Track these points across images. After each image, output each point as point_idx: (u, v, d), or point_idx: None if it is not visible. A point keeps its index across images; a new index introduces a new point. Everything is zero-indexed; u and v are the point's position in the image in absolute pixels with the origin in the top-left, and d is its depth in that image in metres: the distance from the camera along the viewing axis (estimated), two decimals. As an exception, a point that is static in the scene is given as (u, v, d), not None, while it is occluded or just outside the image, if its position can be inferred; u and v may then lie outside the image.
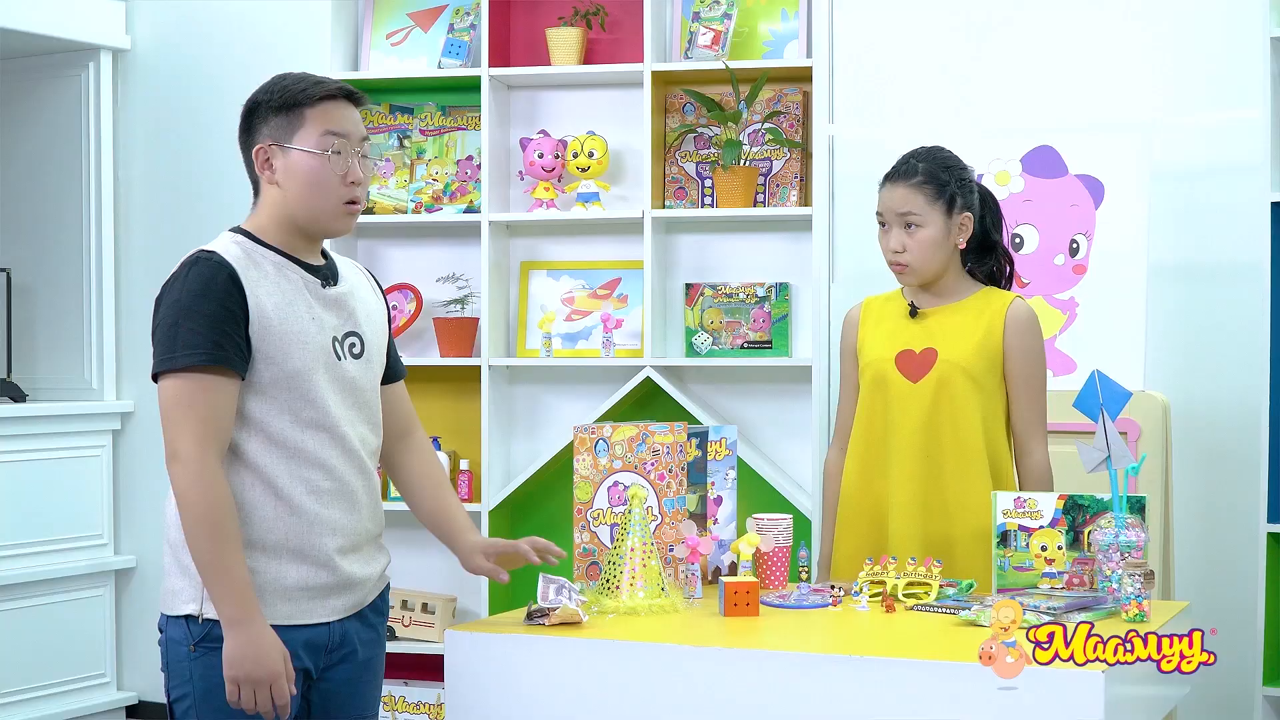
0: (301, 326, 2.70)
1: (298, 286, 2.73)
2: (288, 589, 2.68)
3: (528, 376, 4.96)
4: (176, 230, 5.44)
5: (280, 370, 2.67)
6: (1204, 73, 4.63)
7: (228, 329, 2.63)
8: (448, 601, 4.90)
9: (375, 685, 2.89)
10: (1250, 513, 4.38)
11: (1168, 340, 4.56)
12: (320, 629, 2.73)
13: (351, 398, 2.76)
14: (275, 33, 5.30)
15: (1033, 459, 3.43)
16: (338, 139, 2.73)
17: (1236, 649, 4.44)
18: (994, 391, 3.42)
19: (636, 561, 3.02)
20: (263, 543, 2.67)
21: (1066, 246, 4.44)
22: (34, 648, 5.17)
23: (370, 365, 2.83)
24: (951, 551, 3.35)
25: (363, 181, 2.77)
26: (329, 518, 2.71)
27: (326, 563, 2.71)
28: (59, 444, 5.31)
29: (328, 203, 2.74)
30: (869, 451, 3.47)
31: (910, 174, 3.42)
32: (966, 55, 4.82)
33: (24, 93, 5.54)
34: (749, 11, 4.78)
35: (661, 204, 4.82)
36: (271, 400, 2.67)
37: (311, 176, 2.72)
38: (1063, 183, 4.46)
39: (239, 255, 2.69)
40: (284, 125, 2.73)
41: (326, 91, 2.74)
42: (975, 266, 3.51)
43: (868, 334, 3.52)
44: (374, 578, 2.83)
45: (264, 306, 2.67)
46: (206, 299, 2.63)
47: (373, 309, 2.88)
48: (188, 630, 2.68)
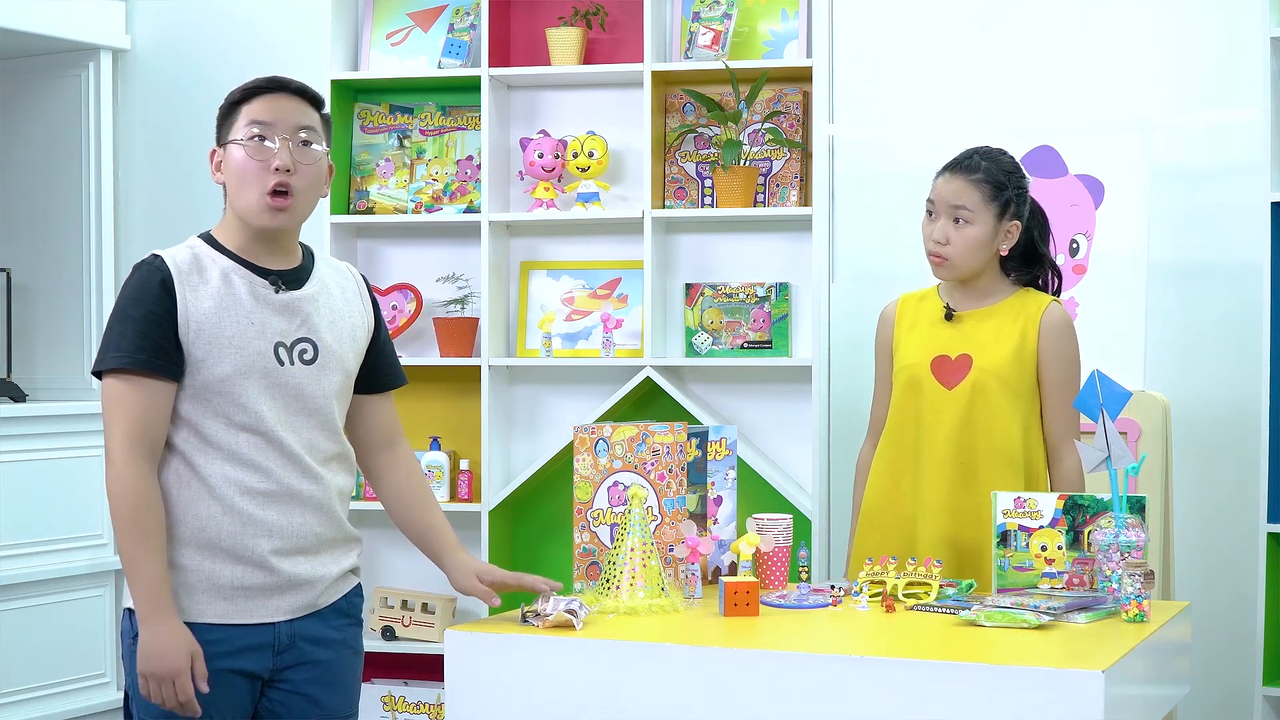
0: (236, 331, 2.73)
1: (240, 291, 2.75)
2: (222, 587, 2.71)
3: (528, 376, 4.96)
4: (176, 230, 5.39)
5: (211, 374, 2.71)
6: (1204, 72, 4.64)
7: (154, 333, 2.68)
8: (448, 601, 4.90)
9: (344, 687, 2.88)
10: (1250, 513, 4.38)
11: (1168, 340, 4.56)
12: (264, 629, 2.74)
13: (296, 404, 2.77)
14: (275, 33, 5.30)
15: (1065, 464, 3.42)
16: (261, 126, 2.76)
17: (1236, 649, 4.44)
18: (1029, 397, 3.41)
19: (636, 561, 3.02)
20: (196, 540, 2.70)
21: (1066, 246, 4.44)
22: (34, 648, 5.17)
23: (324, 371, 2.81)
24: (980, 556, 3.34)
25: (290, 167, 2.76)
26: (264, 519, 2.73)
27: (262, 563, 2.73)
28: (59, 444, 5.31)
29: (253, 193, 2.76)
30: (899, 454, 3.46)
31: (972, 169, 3.41)
32: (966, 55, 4.82)
33: (24, 93, 5.54)
34: (749, 11, 4.78)
35: (661, 204, 4.82)
36: (204, 403, 2.71)
37: (239, 167, 2.78)
38: (1063, 183, 4.46)
39: (186, 259, 2.76)
40: (225, 125, 2.82)
41: (256, 85, 2.81)
42: (1020, 276, 3.49)
43: (903, 335, 3.51)
44: (328, 579, 2.82)
45: (195, 311, 2.71)
46: (138, 303, 2.71)
47: (343, 315, 2.87)
48: (130, 623, 2.73)
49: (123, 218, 5.51)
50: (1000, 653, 2.67)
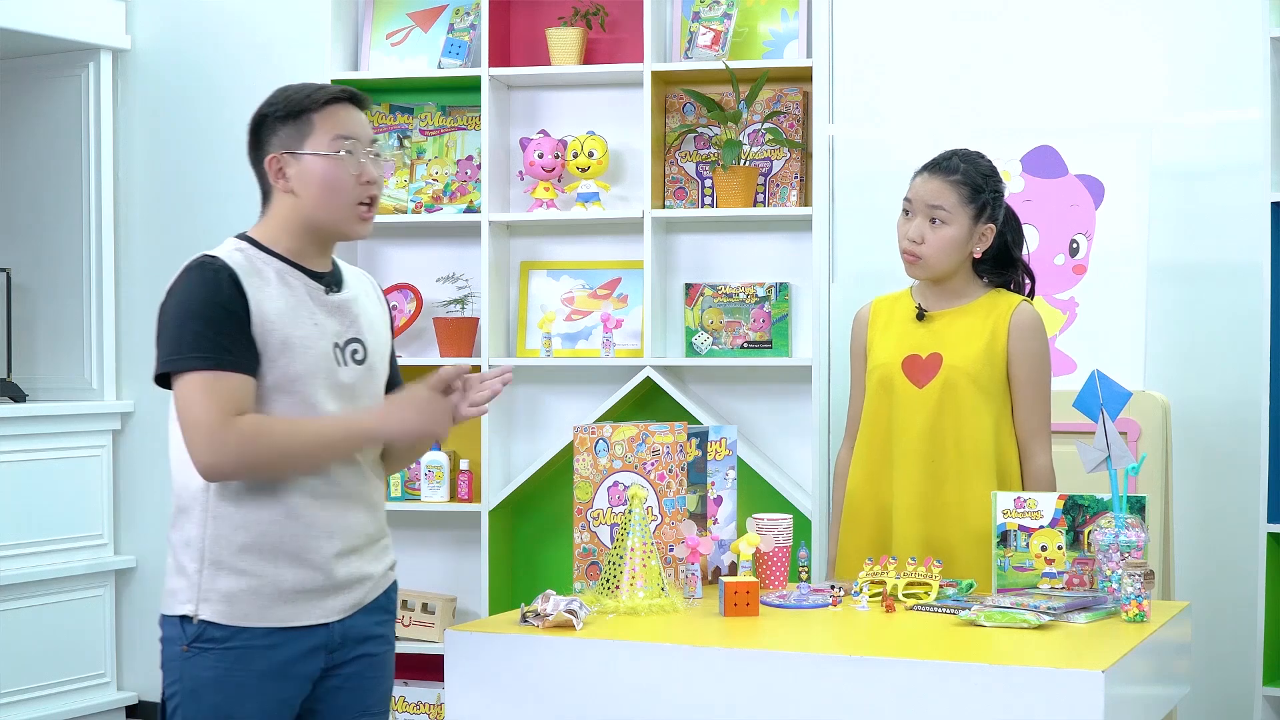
0: (303, 332, 2.71)
1: (300, 293, 2.74)
2: (284, 591, 2.69)
3: (528, 376, 4.96)
4: (176, 230, 5.44)
5: (282, 374, 2.68)
6: (1204, 73, 4.64)
7: (234, 332, 2.64)
8: (448, 601, 4.90)
9: (382, 680, 2.90)
10: (1250, 513, 4.38)
11: (1167, 340, 4.56)
12: (320, 630, 2.74)
13: (351, 403, 2.77)
14: (275, 33, 5.31)
15: (1035, 463, 3.43)
16: (348, 140, 2.75)
17: (1236, 649, 4.44)
18: (1000, 395, 3.42)
19: (636, 561, 3.02)
20: (259, 546, 2.68)
21: (1066, 246, 4.44)
22: (34, 648, 5.17)
23: (372, 372, 2.83)
24: (952, 554, 3.36)
25: (377, 180, 2.79)
26: (325, 521, 2.72)
27: (323, 566, 2.72)
28: (59, 444, 5.31)
29: (343, 204, 2.76)
30: (873, 454, 3.48)
31: (950, 170, 3.42)
32: (967, 55, 4.82)
33: (24, 93, 5.55)
34: (749, 11, 4.78)
35: (661, 204, 4.82)
36: (270, 405, 2.68)
37: (326, 179, 2.74)
38: (1063, 183, 4.46)
39: (241, 261, 2.70)
40: (293, 133, 2.75)
41: (330, 95, 2.77)
42: (993, 279, 3.50)
43: (876, 336, 3.52)
44: (375, 576, 2.84)
45: (267, 311, 2.68)
46: (211, 303, 2.64)
47: (375, 317, 2.89)
48: (182, 630, 2.69)
49: (123, 218, 5.51)
50: (1000, 653, 2.67)
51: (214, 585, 2.66)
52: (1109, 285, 4.39)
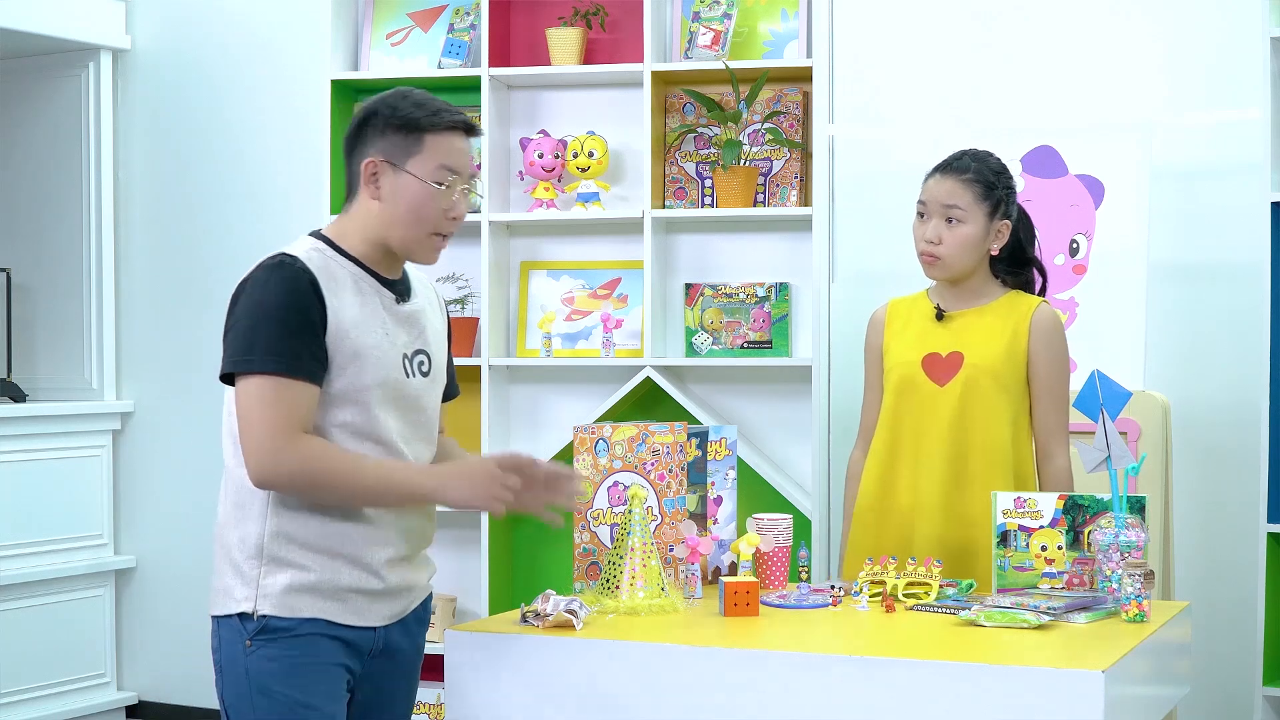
0: (375, 341, 2.68)
1: (373, 301, 2.71)
2: (341, 589, 2.68)
3: (528, 376, 4.96)
4: (176, 230, 5.44)
5: (349, 383, 2.65)
6: (1204, 73, 4.64)
7: (306, 338, 2.60)
8: (448, 601, 4.90)
9: (410, 691, 2.89)
10: (1250, 513, 4.38)
11: (1168, 340, 4.56)
12: (366, 633, 2.73)
13: (413, 415, 2.75)
14: (275, 33, 5.30)
15: (1054, 464, 3.43)
16: (451, 174, 2.71)
17: (1236, 649, 4.44)
18: (1020, 395, 3.42)
19: (636, 561, 3.02)
20: (318, 546, 2.66)
21: (1066, 246, 4.44)
22: (34, 648, 5.17)
23: (435, 384, 2.82)
24: (975, 556, 3.35)
25: (461, 218, 2.75)
26: (382, 529, 2.71)
27: (377, 571, 2.71)
28: (59, 444, 5.31)
29: (422, 232, 2.71)
30: (892, 455, 3.47)
31: (963, 169, 3.43)
32: (966, 55, 4.82)
33: (24, 93, 5.55)
34: (749, 11, 4.78)
35: (661, 204, 4.82)
36: (335, 411, 2.66)
37: (416, 204, 2.69)
38: (1063, 183, 4.46)
39: (319, 263, 2.65)
40: (400, 145, 2.69)
41: (450, 122, 2.72)
42: (1008, 277, 3.51)
43: (893, 336, 3.52)
44: (419, 586, 2.83)
45: (342, 318, 2.64)
46: (290, 307, 2.60)
47: (438, 327, 2.87)
48: (241, 627, 2.66)
49: (123, 218, 5.51)
50: (1000, 653, 2.67)
51: (273, 580, 2.64)
52: (1109, 285, 4.39)
